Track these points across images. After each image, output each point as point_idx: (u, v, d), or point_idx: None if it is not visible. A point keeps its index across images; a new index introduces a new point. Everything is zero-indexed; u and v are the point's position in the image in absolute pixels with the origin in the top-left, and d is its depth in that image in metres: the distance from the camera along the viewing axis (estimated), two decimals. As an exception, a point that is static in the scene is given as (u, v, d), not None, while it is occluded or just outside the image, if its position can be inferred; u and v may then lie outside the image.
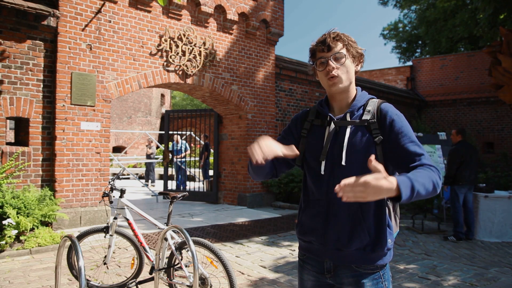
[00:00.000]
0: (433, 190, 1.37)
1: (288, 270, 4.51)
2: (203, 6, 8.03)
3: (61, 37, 6.27)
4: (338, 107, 1.66)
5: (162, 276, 3.30)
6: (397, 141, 1.51)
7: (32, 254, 4.96)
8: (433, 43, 21.07)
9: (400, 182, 1.26)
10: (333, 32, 1.61)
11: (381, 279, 1.57)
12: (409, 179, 1.30)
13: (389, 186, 1.23)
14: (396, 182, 1.25)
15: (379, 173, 1.24)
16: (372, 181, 1.21)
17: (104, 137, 6.71)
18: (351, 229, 1.52)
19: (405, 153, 1.49)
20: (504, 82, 7.67)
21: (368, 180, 1.21)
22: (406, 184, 1.27)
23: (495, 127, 13.96)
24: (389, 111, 1.58)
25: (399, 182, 1.26)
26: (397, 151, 1.51)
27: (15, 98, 5.90)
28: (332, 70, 1.57)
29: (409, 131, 1.54)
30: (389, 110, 1.58)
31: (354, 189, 1.23)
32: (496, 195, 6.44)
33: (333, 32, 1.60)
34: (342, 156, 1.54)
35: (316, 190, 1.61)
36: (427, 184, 1.34)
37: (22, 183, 5.91)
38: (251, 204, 8.96)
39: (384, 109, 1.58)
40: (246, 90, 9.02)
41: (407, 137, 1.51)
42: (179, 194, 3.50)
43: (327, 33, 1.62)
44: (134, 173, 15.22)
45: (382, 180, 1.22)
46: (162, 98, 25.46)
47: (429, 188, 1.35)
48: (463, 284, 4.15)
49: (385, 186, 1.22)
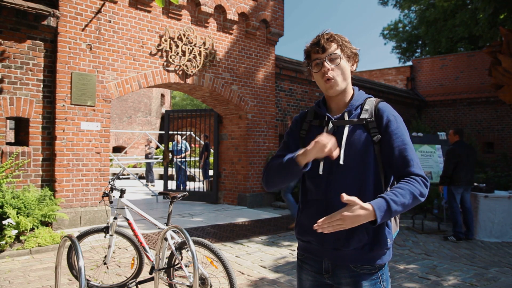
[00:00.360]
0: (415, 202, 1.45)
1: (288, 270, 4.51)
2: (203, 6, 8.03)
3: (61, 37, 6.27)
4: (335, 107, 1.66)
5: (162, 276, 3.30)
6: (391, 142, 1.53)
7: (32, 254, 4.96)
8: (433, 43, 21.08)
9: (376, 208, 1.37)
10: (326, 33, 1.61)
11: (380, 280, 1.57)
12: (385, 202, 1.39)
13: (366, 214, 1.36)
14: (372, 208, 1.36)
15: (355, 205, 1.35)
16: (349, 214, 1.35)
17: (104, 137, 6.71)
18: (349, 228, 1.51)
19: (396, 156, 1.52)
20: (504, 82, 7.68)
21: (344, 214, 1.35)
22: (382, 208, 1.38)
23: (495, 127, 13.96)
24: (386, 111, 1.58)
25: (374, 207, 1.37)
26: (389, 152, 1.54)
27: (15, 98, 5.90)
28: (327, 72, 1.57)
29: (403, 133, 1.55)
30: (386, 110, 1.59)
31: (332, 223, 1.37)
32: (496, 195, 6.44)
33: (327, 33, 1.60)
34: (340, 155, 1.55)
35: (315, 190, 1.61)
36: (407, 201, 1.42)
37: (22, 183, 5.91)
38: (251, 204, 8.96)
39: (382, 108, 1.59)
40: (246, 90, 9.02)
41: (400, 140, 1.53)
42: (179, 194, 3.50)
43: (320, 34, 1.62)
44: (134, 173, 15.22)
45: (358, 211, 1.35)
46: (162, 98, 25.47)
47: (409, 203, 1.43)
48: (463, 284, 4.15)
49: (362, 215, 1.35)
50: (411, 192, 1.44)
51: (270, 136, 9.52)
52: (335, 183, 1.55)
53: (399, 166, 1.52)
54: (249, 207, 8.88)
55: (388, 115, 1.57)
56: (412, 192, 1.44)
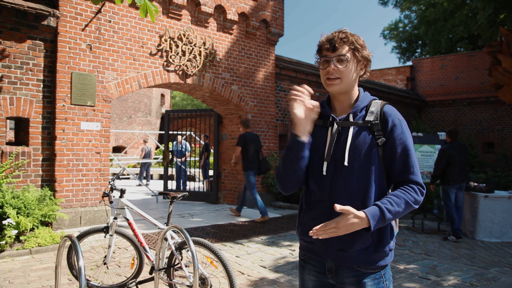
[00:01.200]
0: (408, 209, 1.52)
1: (288, 270, 4.51)
2: (203, 6, 8.03)
3: (61, 37, 6.27)
4: (340, 107, 1.66)
5: (162, 276, 3.30)
6: (394, 148, 1.55)
7: (32, 254, 4.96)
8: (433, 43, 21.08)
9: (370, 217, 1.44)
10: (342, 32, 1.58)
11: (383, 279, 1.58)
12: (380, 211, 1.45)
13: (359, 222, 1.43)
14: (365, 216, 1.44)
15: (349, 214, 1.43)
16: (343, 222, 1.43)
17: (104, 137, 6.71)
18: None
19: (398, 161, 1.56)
20: (504, 82, 7.68)
21: (339, 222, 1.43)
22: (375, 217, 1.45)
23: (495, 127, 13.96)
24: (392, 114, 1.59)
25: (368, 216, 1.44)
26: (391, 156, 1.56)
27: (15, 98, 5.90)
28: (332, 72, 1.57)
29: (407, 138, 1.57)
30: (392, 113, 1.59)
31: (326, 231, 1.45)
32: (496, 195, 6.45)
33: (343, 33, 1.58)
34: (344, 156, 1.55)
35: (319, 191, 1.61)
36: (401, 209, 1.49)
37: (22, 183, 5.91)
38: (251, 204, 8.95)
39: (388, 112, 1.59)
40: (246, 90, 9.02)
41: (403, 145, 1.56)
42: (179, 194, 3.49)
43: (336, 31, 1.59)
44: (134, 173, 15.21)
45: (352, 220, 1.43)
46: (162, 98, 25.47)
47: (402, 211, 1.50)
48: (463, 284, 4.15)
49: (356, 223, 1.43)
50: (406, 201, 1.50)
51: (270, 136, 9.52)
52: (339, 184, 1.56)
53: (399, 171, 1.56)
54: (249, 207, 8.87)
55: (393, 119, 1.57)
56: (407, 201, 1.50)
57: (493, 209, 6.35)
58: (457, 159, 6.34)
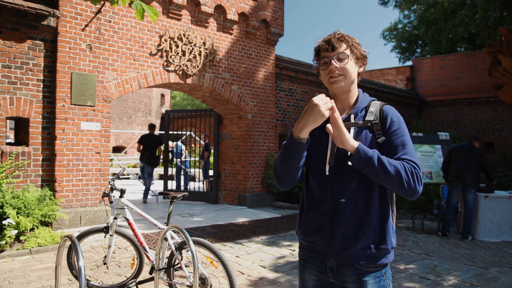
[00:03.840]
0: (396, 177, 1.45)
1: (288, 270, 4.51)
2: (203, 6, 8.03)
3: (61, 37, 6.27)
4: (340, 107, 1.68)
5: (162, 276, 3.30)
6: (391, 141, 1.56)
7: (32, 254, 4.96)
8: (433, 43, 21.07)
9: (360, 147, 1.47)
10: (338, 33, 1.64)
11: (383, 277, 1.59)
12: (373, 153, 1.46)
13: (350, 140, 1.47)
14: (357, 144, 1.47)
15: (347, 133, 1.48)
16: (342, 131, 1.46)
17: (104, 137, 6.71)
18: (357, 227, 1.55)
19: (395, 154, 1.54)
20: (504, 82, 7.67)
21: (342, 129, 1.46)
22: (366, 152, 1.46)
23: (495, 127, 13.95)
24: (390, 112, 1.62)
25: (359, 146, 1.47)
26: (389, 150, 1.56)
27: (15, 98, 5.90)
28: (334, 70, 1.60)
29: (404, 133, 1.58)
30: (390, 112, 1.63)
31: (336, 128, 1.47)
32: (496, 195, 6.45)
33: (338, 33, 1.64)
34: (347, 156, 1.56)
35: (321, 190, 1.62)
36: (389, 168, 1.44)
37: (22, 183, 5.91)
38: (251, 204, 8.96)
39: (386, 110, 1.63)
40: (246, 90, 9.02)
41: (400, 139, 1.56)
42: (179, 194, 3.50)
43: (332, 33, 1.65)
44: (134, 173, 15.21)
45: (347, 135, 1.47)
46: (162, 98, 25.48)
47: (388, 172, 1.44)
48: (463, 284, 4.16)
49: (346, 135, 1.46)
50: (397, 166, 1.45)
51: (270, 136, 9.52)
52: (342, 184, 1.57)
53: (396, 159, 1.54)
54: (249, 207, 8.88)
55: (392, 116, 1.60)
56: (397, 167, 1.45)
57: (492, 209, 6.36)
58: (460, 158, 6.45)
